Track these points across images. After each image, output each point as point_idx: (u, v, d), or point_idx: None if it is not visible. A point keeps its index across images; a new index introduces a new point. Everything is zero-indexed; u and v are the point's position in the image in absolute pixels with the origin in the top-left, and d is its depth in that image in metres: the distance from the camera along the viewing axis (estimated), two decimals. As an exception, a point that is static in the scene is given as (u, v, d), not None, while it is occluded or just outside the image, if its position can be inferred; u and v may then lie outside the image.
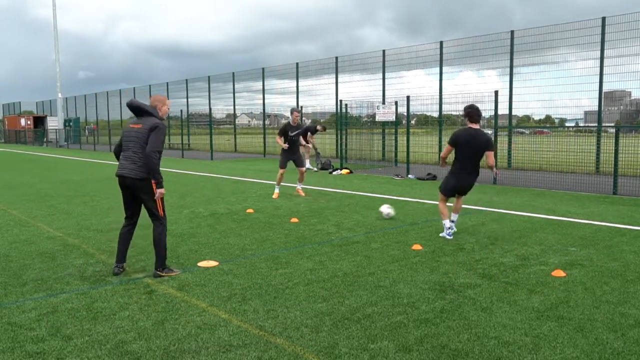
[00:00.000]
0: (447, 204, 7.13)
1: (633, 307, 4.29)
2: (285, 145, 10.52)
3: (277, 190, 10.79)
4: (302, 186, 11.09)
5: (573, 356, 3.43)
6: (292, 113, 10.86)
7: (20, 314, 4.29)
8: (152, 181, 5.15)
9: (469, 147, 6.63)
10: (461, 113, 6.79)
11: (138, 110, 5.28)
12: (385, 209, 8.25)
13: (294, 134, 10.58)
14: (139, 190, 5.21)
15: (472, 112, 6.64)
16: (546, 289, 4.77)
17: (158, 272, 5.29)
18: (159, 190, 5.19)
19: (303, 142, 10.99)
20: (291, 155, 10.68)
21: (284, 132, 10.58)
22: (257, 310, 4.30)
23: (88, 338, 3.79)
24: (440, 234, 6.96)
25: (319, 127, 18.41)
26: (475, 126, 6.68)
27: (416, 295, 4.65)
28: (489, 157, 6.67)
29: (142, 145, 5.13)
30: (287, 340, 3.73)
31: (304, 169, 10.91)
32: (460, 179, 6.89)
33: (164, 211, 5.32)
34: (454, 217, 7.08)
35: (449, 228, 6.82)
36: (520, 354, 3.46)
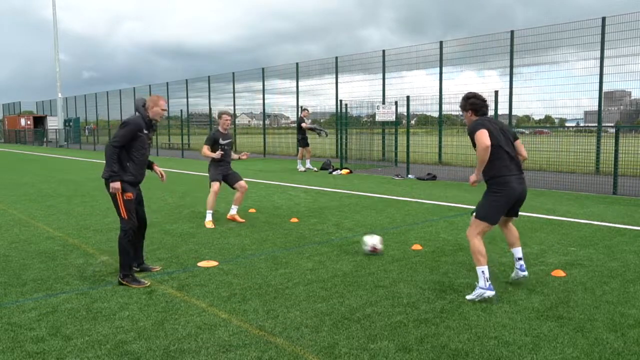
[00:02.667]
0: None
1: (633, 307, 4.29)
2: (218, 154, 7.99)
3: (209, 218, 8.02)
4: (236, 209, 8.37)
5: (573, 356, 3.43)
6: (220, 117, 8.24)
7: (20, 314, 4.29)
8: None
9: (506, 138, 4.76)
10: (462, 113, 5.58)
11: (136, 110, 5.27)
12: (371, 241, 6.11)
13: (226, 143, 8.19)
14: (107, 191, 5.03)
15: (480, 103, 4.82)
16: (546, 289, 4.77)
17: (119, 279, 5.01)
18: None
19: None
20: (224, 169, 8.26)
21: (214, 140, 8.10)
22: (257, 310, 4.30)
23: (88, 338, 3.79)
24: (482, 294, 4.44)
25: (303, 113, 18.13)
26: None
27: (416, 295, 4.65)
28: (521, 148, 4.97)
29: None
30: (287, 340, 3.73)
31: (244, 188, 8.25)
32: (514, 185, 4.66)
33: (127, 213, 5.01)
34: (519, 252, 4.94)
35: (523, 270, 4.86)
36: (520, 354, 3.46)
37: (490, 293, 4.45)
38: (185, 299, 4.60)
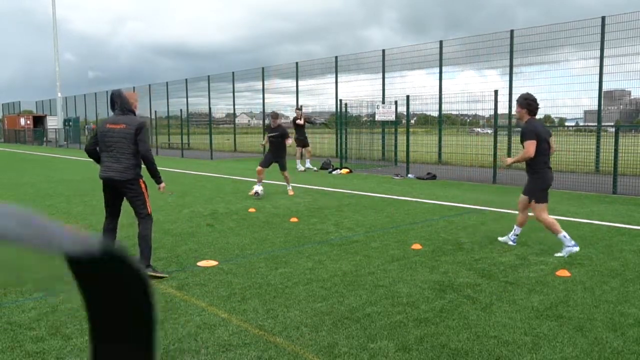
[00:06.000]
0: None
1: (632, 307, 4.29)
2: (262, 145, 11.46)
3: (256, 188, 10.72)
4: (291, 186, 11.24)
5: (573, 355, 3.43)
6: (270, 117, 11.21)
7: (20, 313, 4.29)
8: (140, 180, 5.20)
9: (546, 140, 5.96)
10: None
11: (124, 106, 5.24)
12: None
13: (271, 136, 10.90)
14: (128, 191, 5.18)
15: (535, 105, 6.00)
16: (546, 288, 4.77)
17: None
18: (162, 185, 5.51)
19: (289, 142, 11.22)
20: (274, 156, 10.93)
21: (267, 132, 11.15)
22: (257, 310, 4.30)
23: (87, 338, 3.79)
24: (561, 254, 5.83)
25: (297, 113, 18.00)
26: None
27: (416, 294, 4.65)
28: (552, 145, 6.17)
29: (128, 145, 5.11)
30: (286, 339, 3.73)
31: (286, 172, 11.02)
32: (550, 176, 6.07)
33: (150, 208, 5.34)
34: (519, 230, 6.37)
35: (566, 237, 5.90)
36: (519, 353, 3.46)
37: (576, 248, 5.86)
38: (185, 299, 4.60)
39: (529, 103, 5.94)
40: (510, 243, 6.31)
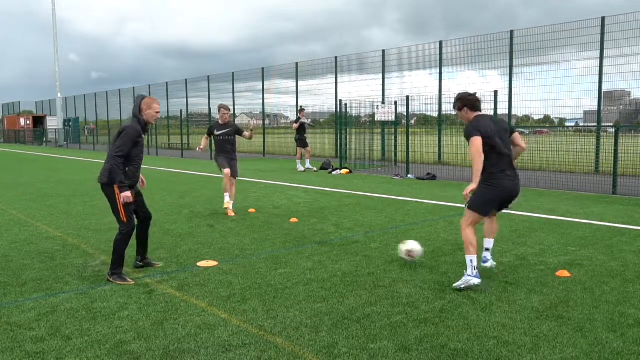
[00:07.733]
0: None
1: (632, 307, 4.29)
2: (201, 149, 9.44)
3: (227, 200, 8.81)
4: (232, 204, 8.92)
5: (573, 356, 3.43)
6: (219, 110, 9.08)
7: (19, 314, 4.29)
8: (115, 186, 5.06)
9: (499, 138, 4.84)
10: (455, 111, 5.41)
11: (133, 111, 5.29)
12: (410, 247, 5.65)
13: (221, 133, 8.97)
14: (105, 194, 5.20)
15: (471, 98, 4.99)
16: (546, 288, 4.77)
17: (107, 277, 5.15)
18: (122, 195, 5.01)
19: (248, 134, 9.02)
20: (226, 156, 9.05)
21: (210, 132, 9.26)
22: (257, 310, 4.30)
23: (87, 338, 3.79)
24: (458, 282, 4.79)
25: (301, 114, 17.98)
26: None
27: (416, 295, 4.65)
28: (518, 139, 5.10)
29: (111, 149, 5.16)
30: (286, 340, 3.73)
31: (233, 179, 8.95)
32: (507, 186, 4.89)
33: (126, 217, 5.14)
34: (489, 243, 5.29)
35: (486, 261, 5.18)
36: (519, 354, 3.46)
37: (476, 280, 4.74)
38: (185, 299, 4.60)
39: (461, 99, 4.97)
40: (483, 264, 5.19)
